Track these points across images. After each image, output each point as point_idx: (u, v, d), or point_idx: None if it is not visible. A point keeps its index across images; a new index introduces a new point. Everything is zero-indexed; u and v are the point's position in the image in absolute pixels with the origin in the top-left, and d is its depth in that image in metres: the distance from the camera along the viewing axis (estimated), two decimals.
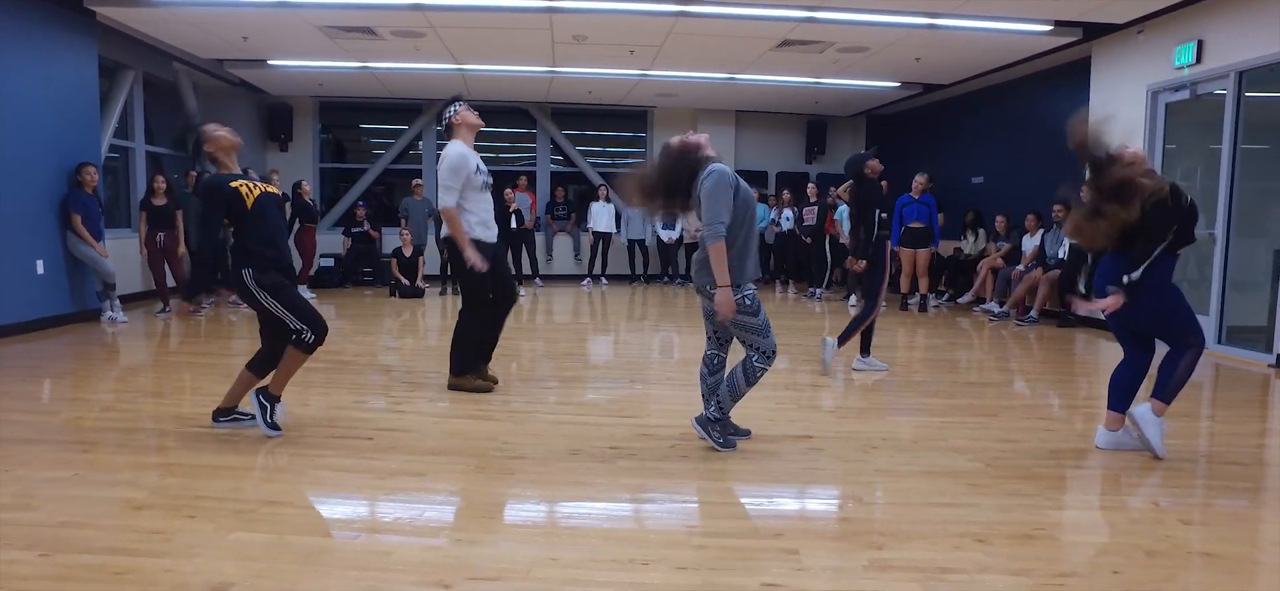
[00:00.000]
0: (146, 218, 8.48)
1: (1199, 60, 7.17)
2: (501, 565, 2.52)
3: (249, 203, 3.75)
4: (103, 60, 8.49)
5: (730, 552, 2.64)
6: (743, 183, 3.61)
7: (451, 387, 4.93)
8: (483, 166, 4.81)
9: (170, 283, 8.66)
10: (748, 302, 3.56)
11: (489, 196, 4.84)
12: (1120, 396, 3.88)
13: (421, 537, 2.75)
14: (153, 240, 8.45)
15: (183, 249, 8.71)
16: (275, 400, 3.88)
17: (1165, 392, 3.70)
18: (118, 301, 8.03)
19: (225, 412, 4.00)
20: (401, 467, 3.48)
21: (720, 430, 3.75)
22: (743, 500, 3.20)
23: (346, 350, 6.52)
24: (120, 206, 9.90)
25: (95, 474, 3.32)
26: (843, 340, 5.77)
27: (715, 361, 3.86)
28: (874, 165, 5.80)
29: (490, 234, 4.81)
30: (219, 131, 3.88)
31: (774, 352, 3.60)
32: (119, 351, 6.58)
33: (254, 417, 3.91)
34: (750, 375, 3.62)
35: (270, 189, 3.92)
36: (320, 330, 3.81)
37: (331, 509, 3.08)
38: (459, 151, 4.69)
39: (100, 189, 8.01)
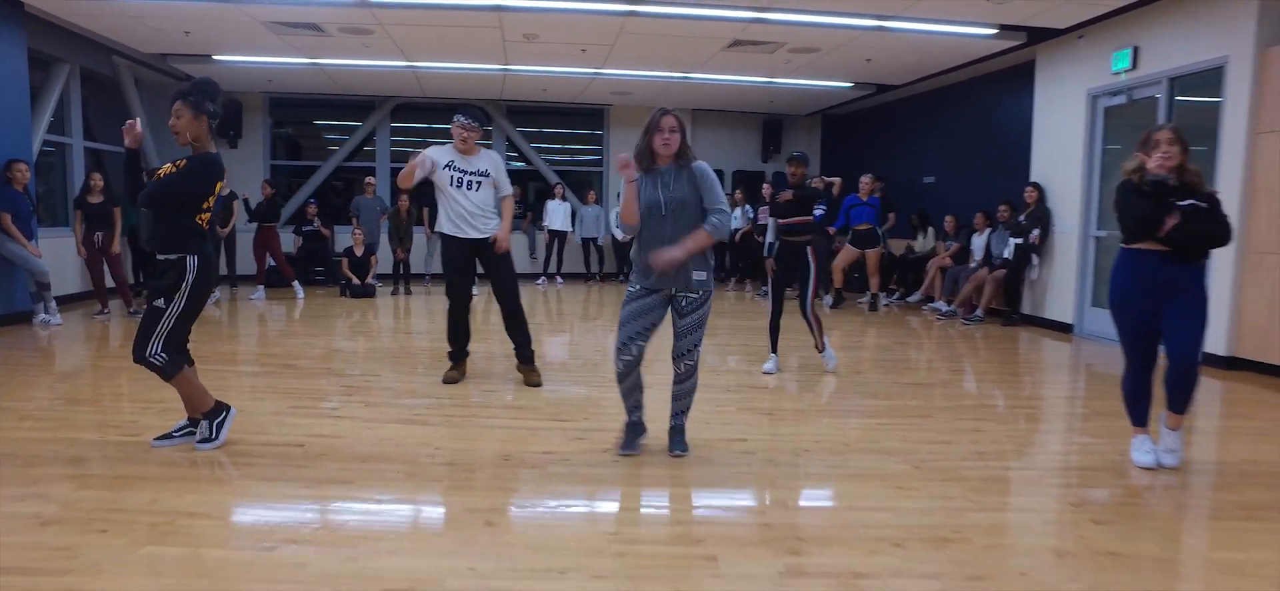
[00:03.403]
0: (82, 217, 8.24)
1: (1135, 66, 7.37)
2: (416, 576, 2.50)
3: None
4: (35, 53, 8.23)
5: (649, 561, 2.65)
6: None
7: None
8: (456, 164, 5.07)
9: (109, 283, 8.44)
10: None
11: (462, 194, 5.06)
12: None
13: (338, 548, 2.71)
14: (90, 240, 8.22)
15: (117, 248, 8.47)
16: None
17: None
18: (53, 303, 7.80)
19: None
20: (328, 476, 3.43)
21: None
22: (669, 507, 3.22)
23: (289, 353, 6.41)
24: (57, 204, 9.62)
25: (4, 488, 3.22)
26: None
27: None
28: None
29: (458, 230, 5.08)
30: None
31: (618, 349, 3.62)
32: (50, 355, 6.40)
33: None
34: None
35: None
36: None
37: (250, 520, 3.02)
38: (432, 151, 5.11)
39: (32, 186, 7.77)
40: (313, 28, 8.41)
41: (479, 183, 5.08)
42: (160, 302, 3.60)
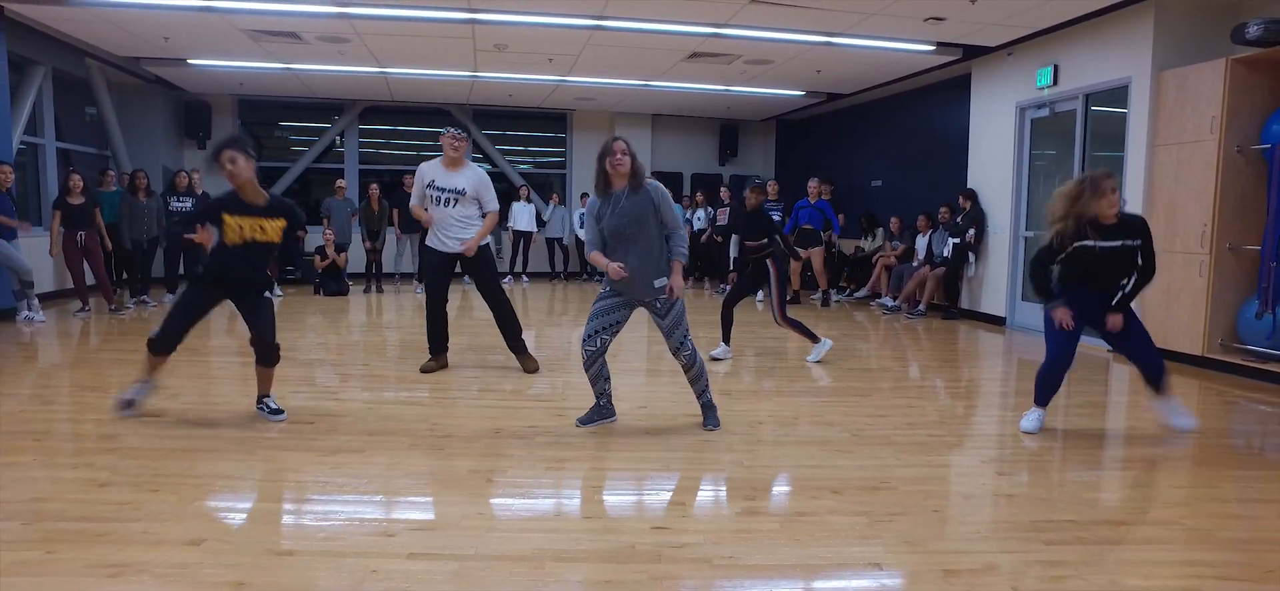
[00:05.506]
0: (63, 217, 8.45)
1: (1056, 82, 8.12)
2: (437, 518, 2.99)
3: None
4: (11, 55, 8.42)
5: (630, 506, 3.17)
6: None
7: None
8: (437, 182, 5.51)
9: (90, 281, 8.66)
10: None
11: (439, 211, 5.53)
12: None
13: (367, 496, 3.18)
14: (71, 240, 8.44)
15: (108, 243, 8.73)
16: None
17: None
18: (35, 300, 8.02)
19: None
20: (342, 446, 3.88)
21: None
22: (642, 466, 3.74)
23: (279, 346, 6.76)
24: (30, 204, 9.77)
25: (53, 459, 3.61)
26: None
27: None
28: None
29: (437, 243, 5.59)
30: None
31: (583, 340, 4.13)
32: (44, 350, 6.67)
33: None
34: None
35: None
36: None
37: (283, 479, 3.46)
38: (423, 166, 5.61)
39: (13, 187, 7.97)
40: (291, 36, 8.75)
41: (455, 199, 5.53)
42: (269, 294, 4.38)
